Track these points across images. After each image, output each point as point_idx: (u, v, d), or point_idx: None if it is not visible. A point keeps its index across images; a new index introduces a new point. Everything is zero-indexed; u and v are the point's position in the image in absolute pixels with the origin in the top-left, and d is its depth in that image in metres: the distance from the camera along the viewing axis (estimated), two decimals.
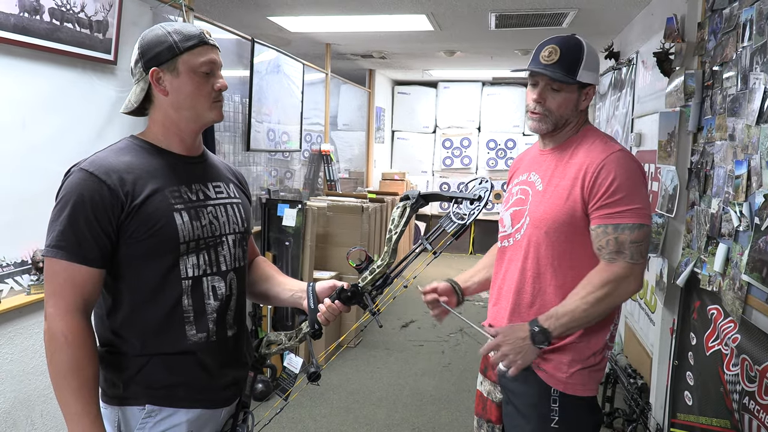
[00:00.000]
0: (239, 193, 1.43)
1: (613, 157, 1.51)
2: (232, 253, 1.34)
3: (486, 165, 7.95)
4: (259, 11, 4.05)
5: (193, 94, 1.26)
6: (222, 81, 1.30)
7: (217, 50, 1.31)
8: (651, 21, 3.45)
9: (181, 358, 1.26)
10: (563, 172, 1.58)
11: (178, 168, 1.30)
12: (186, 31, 1.27)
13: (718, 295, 2.09)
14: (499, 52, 5.60)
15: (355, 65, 6.71)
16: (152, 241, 1.20)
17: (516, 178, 1.76)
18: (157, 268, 1.22)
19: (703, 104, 2.41)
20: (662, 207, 2.77)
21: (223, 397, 1.34)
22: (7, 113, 1.96)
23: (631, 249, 1.47)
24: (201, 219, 1.27)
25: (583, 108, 1.62)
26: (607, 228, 1.48)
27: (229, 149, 3.59)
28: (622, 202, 1.47)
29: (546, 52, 1.57)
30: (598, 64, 1.61)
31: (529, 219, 1.61)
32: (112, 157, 1.23)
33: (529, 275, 1.60)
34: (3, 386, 1.99)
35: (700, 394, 2.26)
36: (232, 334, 1.35)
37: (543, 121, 1.59)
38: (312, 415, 3.25)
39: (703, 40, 2.42)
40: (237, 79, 3.68)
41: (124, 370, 1.24)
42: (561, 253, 1.56)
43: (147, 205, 1.20)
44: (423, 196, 1.40)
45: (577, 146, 1.60)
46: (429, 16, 4.05)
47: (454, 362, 4.12)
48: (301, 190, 4.91)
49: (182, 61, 1.24)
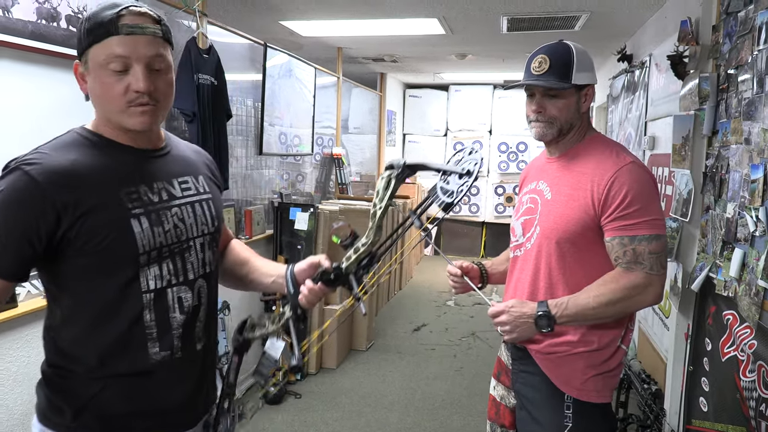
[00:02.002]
0: (209, 185, 1.26)
1: (625, 169, 1.50)
2: (200, 258, 1.18)
3: (497, 168, 7.93)
4: (272, 16, 4.07)
5: (102, 96, 1.06)
6: (141, 80, 1.03)
7: (143, 38, 1.04)
8: (664, 24, 3.43)
9: (142, 381, 1.11)
10: (572, 182, 1.58)
11: (137, 164, 1.12)
12: (98, 16, 1.03)
13: (734, 301, 2.07)
14: (511, 55, 5.59)
15: (366, 69, 6.72)
16: (104, 255, 1.04)
17: (525, 186, 1.77)
18: (112, 283, 1.06)
19: (718, 108, 2.38)
20: (676, 211, 2.74)
21: (191, 418, 1.22)
22: (26, 119, 1.99)
23: (650, 260, 1.46)
24: (164, 224, 1.10)
25: (585, 109, 1.62)
26: (623, 239, 1.47)
27: (241, 153, 3.61)
28: (637, 214, 1.46)
29: (536, 63, 1.58)
30: (591, 63, 1.61)
31: (539, 228, 1.61)
32: (56, 154, 1.04)
33: (541, 285, 1.60)
34: (21, 388, 2.01)
35: (715, 400, 2.24)
36: (201, 347, 1.20)
37: (547, 127, 1.59)
38: (324, 419, 3.25)
39: (718, 43, 2.40)
40: (249, 83, 3.70)
41: (74, 395, 1.08)
42: (572, 263, 1.55)
43: (95, 214, 1.02)
44: (408, 166, 1.28)
45: (586, 155, 1.59)
46: (441, 19, 4.05)
47: (466, 366, 4.11)
48: (312, 193, 4.93)
49: (90, 56, 1.04)
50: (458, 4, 3.64)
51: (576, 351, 1.55)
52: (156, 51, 1.07)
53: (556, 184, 1.62)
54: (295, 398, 3.49)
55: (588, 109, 1.64)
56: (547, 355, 1.58)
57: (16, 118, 1.95)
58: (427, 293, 6.09)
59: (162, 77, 1.09)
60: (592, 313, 1.47)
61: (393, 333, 4.77)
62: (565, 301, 1.49)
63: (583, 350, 1.54)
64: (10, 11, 1.87)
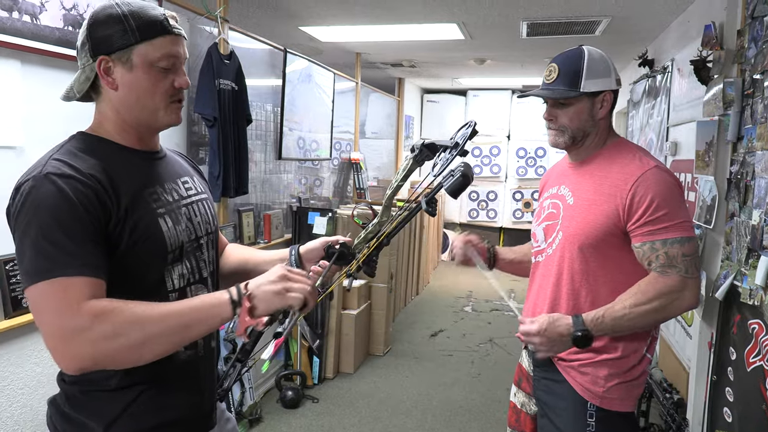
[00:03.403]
0: (204, 187, 1.28)
1: (649, 174, 1.47)
2: (209, 256, 1.21)
3: (516, 173, 7.89)
4: (292, 22, 4.10)
5: (148, 92, 1.06)
6: (184, 78, 1.10)
7: (183, 40, 1.10)
8: (687, 28, 3.39)
9: (172, 386, 1.11)
10: (594, 187, 1.56)
11: (148, 166, 1.14)
12: (146, 15, 1.05)
13: (759, 310, 2.03)
14: (530, 60, 5.57)
15: (384, 74, 6.74)
16: (140, 255, 1.04)
17: (546, 191, 1.75)
18: (144, 284, 1.06)
19: (743, 113, 2.35)
20: (700, 218, 2.70)
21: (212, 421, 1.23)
22: (52, 125, 2.02)
23: (685, 262, 1.43)
24: (180, 222, 1.12)
25: (602, 116, 1.58)
26: (654, 244, 1.45)
27: (260, 158, 3.64)
28: (665, 218, 1.44)
29: (547, 71, 1.58)
30: (607, 69, 1.56)
31: (561, 234, 1.59)
32: (75, 160, 1.01)
33: (564, 292, 1.58)
34: (44, 389, 2.04)
35: (740, 410, 2.20)
36: (215, 344, 1.25)
37: (559, 135, 1.59)
38: (342, 424, 3.25)
39: (743, 48, 2.37)
40: (269, 89, 3.73)
41: (105, 409, 1.06)
42: (596, 269, 1.53)
43: (132, 214, 1.03)
44: (426, 146, 1.29)
45: (608, 160, 1.57)
46: (460, 25, 4.04)
47: (483, 373, 4.08)
48: (330, 198, 4.95)
49: (138, 53, 1.04)
50: (478, 9, 3.63)
51: (600, 358, 1.52)
52: (187, 53, 1.13)
53: (579, 190, 1.60)
54: (312, 402, 3.49)
55: (606, 115, 1.59)
56: (570, 362, 1.56)
57: (43, 123, 1.98)
58: (444, 299, 6.06)
59: None
60: (629, 324, 1.45)
61: (410, 338, 4.76)
62: (601, 314, 1.46)
63: (607, 358, 1.52)
64: (38, 18, 1.90)
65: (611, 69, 1.58)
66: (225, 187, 2.89)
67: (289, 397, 3.41)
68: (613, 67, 1.59)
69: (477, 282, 6.61)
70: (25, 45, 1.87)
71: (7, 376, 1.94)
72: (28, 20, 1.87)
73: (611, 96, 1.58)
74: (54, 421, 1.11)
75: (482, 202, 8.03)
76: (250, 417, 3.16)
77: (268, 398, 3.53)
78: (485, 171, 7.98)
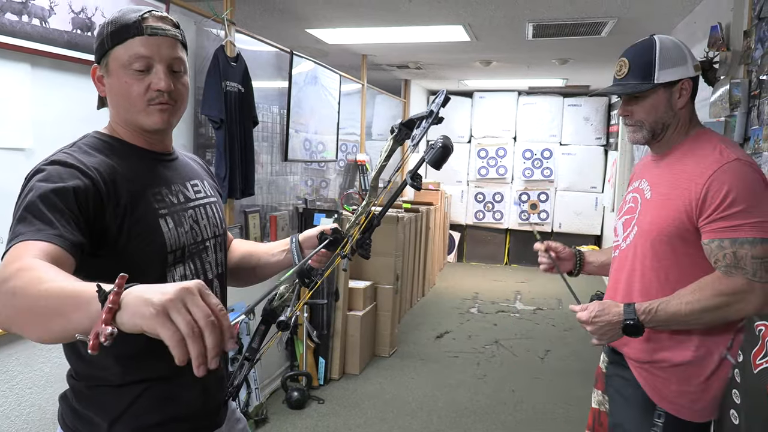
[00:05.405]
0: (214, 191, 1.30)
1: (728, 167, 1.38)
2: (214, 259, 1.22)
3: (522, 175, 7.88)
4: (298, 24, 4.12)
5: (123, 95, 1.08)
6: (163, 80, 1.06)
7: (166, 39, 1.08)
8: (694, 29, 3.38)
9: (176, 383, 1.11)
10: (671, 181, 1.50)
11: (156, 167, 1.15)
12: (122, 20, 1.06)
13: None
14: (537, 62, 5.56)
15: (390, 76, 6.75)
16: (138, 254, 1.04)
17: (631, 185, 1.71)
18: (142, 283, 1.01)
19: (750, 114, 2.34)
20: None
21: (219, 420, 1.24)
22: (61, 127, 2.04)
23: (754, 265, 1.35)
24: (184, 225, 1.13)
25: (682, 105, 1.50)
26: (722, 242, 1.37)
27: (266, 159, 3.65)
28: (740, 216, 1.35)
29: (617, 67, 1.55)
30: (681, 55, 1.49)
31: (636, 228, 1.55)
32: (82, 155, 1.04)
33: (636, 286, 1.54)
34: (52, 389, 2.06)
35: (747, 412, 2.19)
36: None
37: (637, 131, 1.55)
38: (347, 425, 3.26)
39: (750, 49, 2.36)
40: (275, 91, 3.75)
41: (110, 405, 1.07)
42: (668, 264, 1.48)
43: (131, 211, 1.04)
44: (403, 124, 1.33)
45: (688, 153, 1.50)
46: (466, 26, 4.05)
47: (489, 374, 4.08)
48: (336, 199, 4.96)
49: (113, 57, 1.07)
50: (483, 11, 3.64)
51: (673, 362, 1.48)
52: (176, 53, 1.10)
53: (656, 184, 1.55)
54: (318, 403, 3.50)
55: (686, 105, 1.51)
56: (642, 363, 1.54)
57: (52, 125, 2.01)
58: (449, 300, 6.06)
59: (180, 79, 1.12)
60: (683, 320, 1.40)
61: (416, 340, 4.76)
62: (655, 306, 1.41)
63: (680, 362, 1.48)
64: (47, 21, 1.93)
65: (687, 55, 1.51)
66: (231, 188, 2.91)
67: (295, 397, 3.42)
68: (689, 53, 1.52)
69: (481, 283, 6.60)
70: (35, 48, 1.90)
71: (15, 376, 1.96)
72: (38, 24, 1.90)
73: (690, 84, 1.50)
74: (64, 416, 1.13)
75: (488, 203, 8.02)
76: (256, 417, 3.18)
77: (273, 399, 3.54)
78: (491, 172, 7.96)
